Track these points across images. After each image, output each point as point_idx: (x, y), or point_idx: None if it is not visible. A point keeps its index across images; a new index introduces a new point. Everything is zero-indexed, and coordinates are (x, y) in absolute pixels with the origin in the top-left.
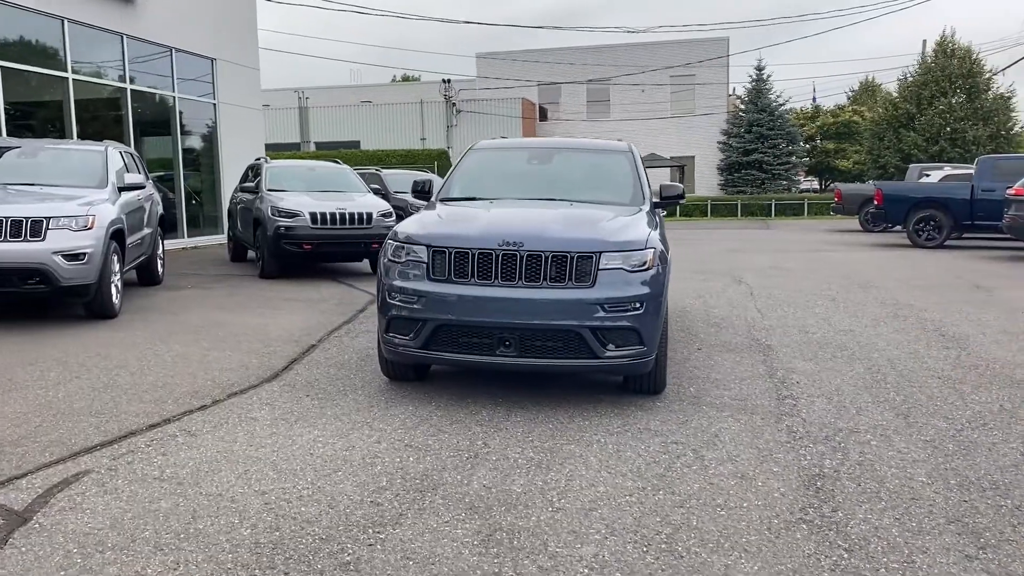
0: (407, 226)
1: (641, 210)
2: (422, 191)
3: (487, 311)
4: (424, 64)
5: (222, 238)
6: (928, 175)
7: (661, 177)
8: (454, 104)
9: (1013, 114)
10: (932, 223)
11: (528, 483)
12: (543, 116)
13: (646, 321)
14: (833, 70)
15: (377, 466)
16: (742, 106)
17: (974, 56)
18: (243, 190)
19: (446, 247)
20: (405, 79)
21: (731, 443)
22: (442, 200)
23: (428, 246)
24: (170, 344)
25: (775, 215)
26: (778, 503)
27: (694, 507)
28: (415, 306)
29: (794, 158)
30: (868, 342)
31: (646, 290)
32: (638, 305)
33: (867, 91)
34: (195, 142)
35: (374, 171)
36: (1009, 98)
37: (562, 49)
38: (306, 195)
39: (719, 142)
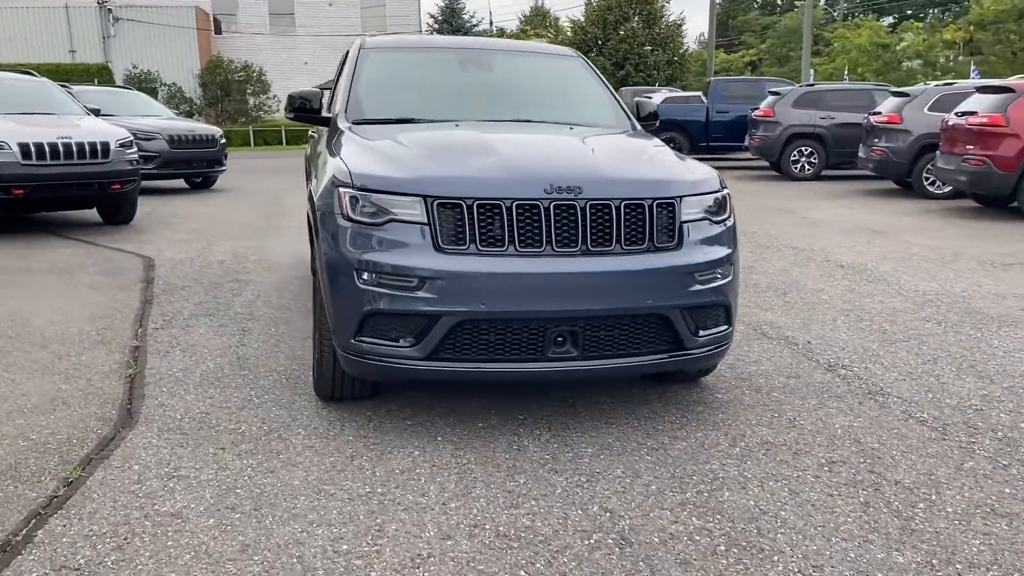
0: (362, 164)
1: (638, 134)
2: (305, 108)
3: (538, 295)
4: None
5: None
6: (650, 98)
7: None
8: (110, 11)
9: (683, 40)
10: (673, 144)
11: None
12: (217, 29)
13: (734, 291)
14: None
15: None
16: (435, 26)
17: None
18: None
19: (460, 198)
20: None
21: (898, 454)
22: (355, 122)
23: (426, 197)
24: None
25: None
26: None
27: None
28: (418, 294)
29: None
30: (793, 280)
31: (730, 249)
32: (726, 271)
33: (538, 16)
34: None
35: (63, 87)
36: (680, 25)
37: None
38: (3, 119)
39: None
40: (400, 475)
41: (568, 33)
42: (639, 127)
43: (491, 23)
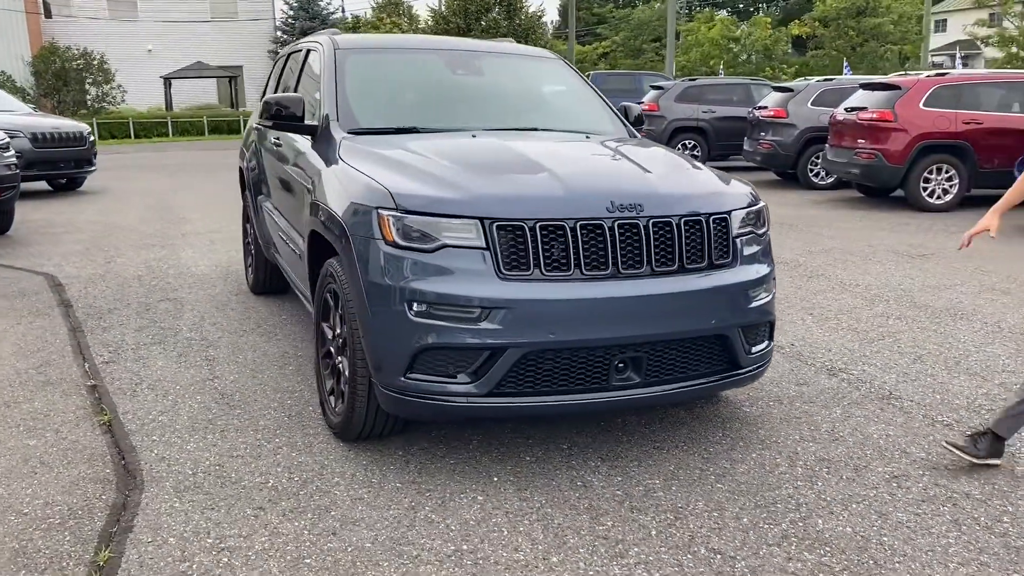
0: (400, 182)
1: (646, 141)
2: (282, 116)
3: (608, 321)
4: None
5: None
6: None
7: (208, 89)
8: None
9: (544, 32)
10: None
11: None
12: (47, 12)
13: (774, 305)
14: None
15: None
16: (291, 13)
17: None
18: None
19: (521, 219)
20: None
21: (948, 463)
22: (351, 132)
23: (483, 219)
24: None
25: None
26: None
27: None
28: (481, 325)
29: None
30: None
31: (772, 263)
32: (770, 285)
33: (391, 3)
34: None
35: None
36: (540, 17)
37: None
38: None
39: (270, 51)
40: (477, 527)
41: (429, 23)
42: (637, 133)
43: (343, 10)
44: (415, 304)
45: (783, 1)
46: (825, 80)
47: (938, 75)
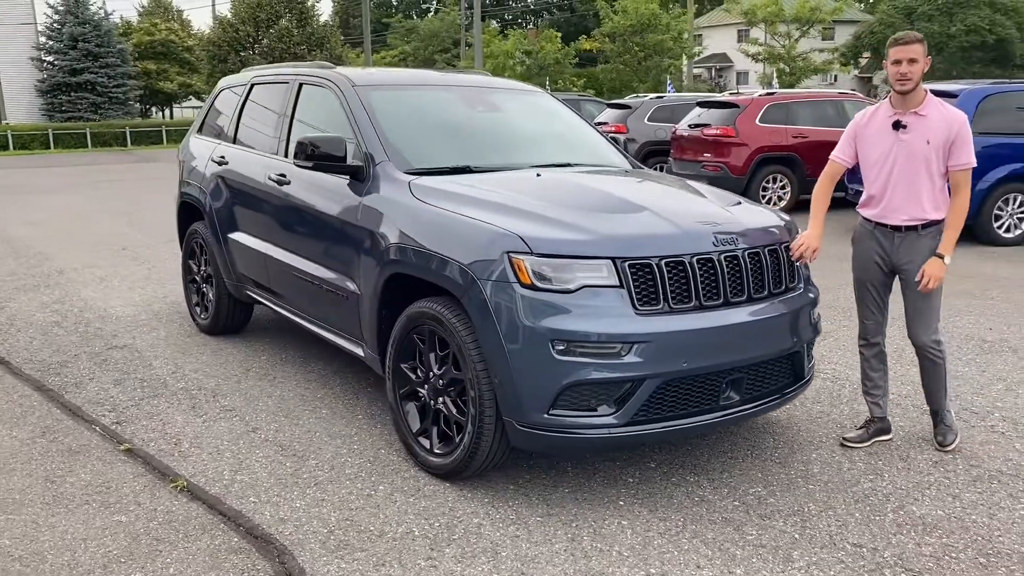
0: (526, 227)
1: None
2: (319, 156)
3: (726, 347)
4: None
5: None
6: None
7: None
8: None
9: (339, 40)
10: None
11: None
12: None
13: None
14: None
15: None
16: (56, 16)
17: None
18: None
19: (649, 257)
20: None
21: (976, 446)
22: (408, 173)
23: (615, 259)
24: None
25: (133, 144)
26: None
27: None
28: (624, 359)
29: (132, 80)
30: None
31: (814, 283)
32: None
33: (159, 6)
34: None
35: None
36: (336, 26)
37: None
38: None
39: (32, 58)
40: (644, 551)
41: (217, 29)
42: (640, 164)
43: (106, 13)
44: (559, 343)
45: (549, 15)
46: (658, 97)
47: (768, 94)
